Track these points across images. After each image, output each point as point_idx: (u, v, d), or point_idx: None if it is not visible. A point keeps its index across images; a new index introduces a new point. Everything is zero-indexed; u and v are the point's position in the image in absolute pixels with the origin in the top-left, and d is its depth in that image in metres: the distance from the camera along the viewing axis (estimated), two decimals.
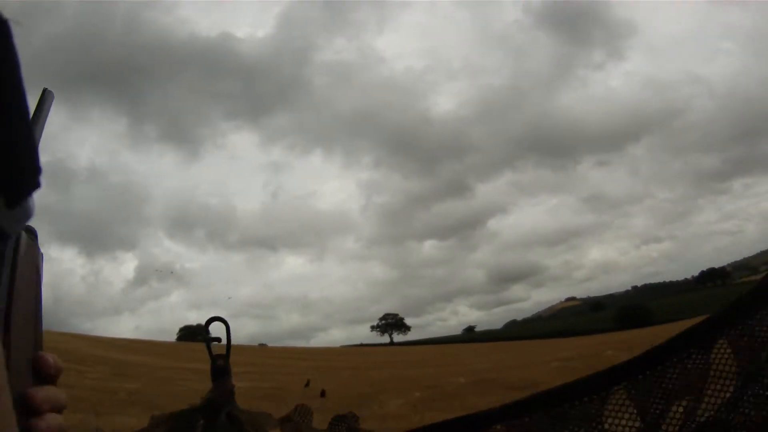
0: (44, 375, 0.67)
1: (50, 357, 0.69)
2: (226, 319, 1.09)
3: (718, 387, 1.13)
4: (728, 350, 1.13)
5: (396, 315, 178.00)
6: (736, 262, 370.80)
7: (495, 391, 16.40)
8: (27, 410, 0.62)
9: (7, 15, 0.51)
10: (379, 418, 13.12)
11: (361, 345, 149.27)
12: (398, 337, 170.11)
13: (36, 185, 0.56)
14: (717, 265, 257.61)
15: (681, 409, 1.14)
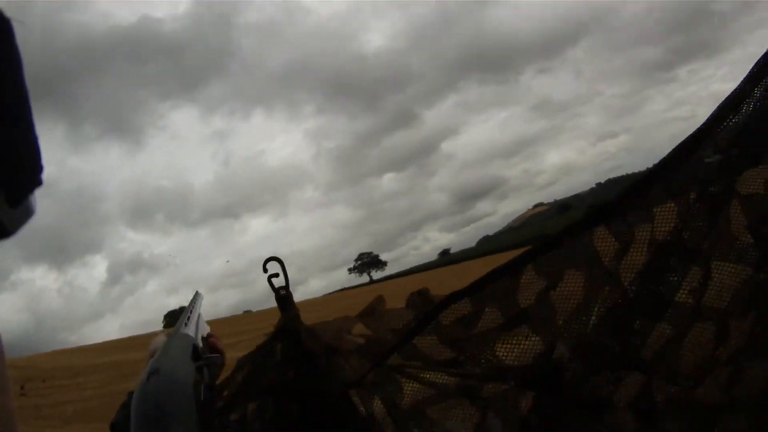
0: None
1: None
2: (279, 257, 1.35)
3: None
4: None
5: (370, 253, 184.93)
6: None
7: None
8: None
9: (8, 14, 0.54)
10: None
11: (342, 289, 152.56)
12: (377, 275, 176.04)
13: (38, 183, 0.58)
14: None
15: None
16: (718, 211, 1.18)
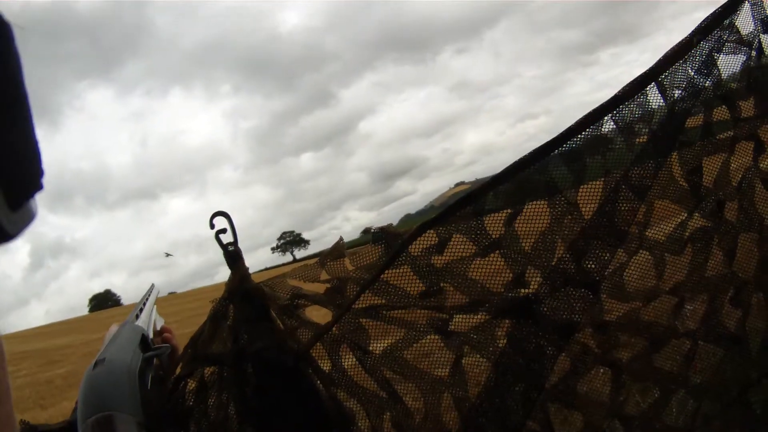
0: None
1: None
2: (226, 212, 1.32)
3: None
4: None
5: (293, 232, 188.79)
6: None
7: None
8: None
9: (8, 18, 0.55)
10: None
11: (266, 269, 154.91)
12: (300, 253, 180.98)
13: (38, 187, 0.59)
14: None
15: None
16: (664, 154, 1.32)
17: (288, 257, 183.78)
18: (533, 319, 1.24)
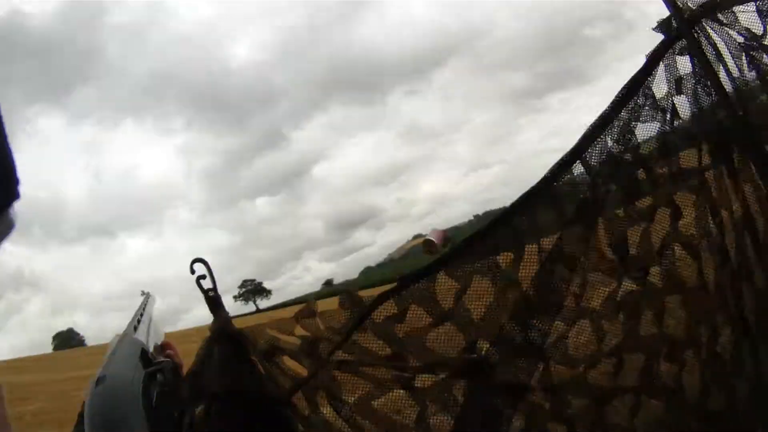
0: None
1: None
2: (205, 259, 1.38)
3: None
4: None
5: (254, 280, 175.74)
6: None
7: None
8: None
9: None
10: None
11: (232, 317, 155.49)
12: (263, 303, 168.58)
13: (15, 196, 0.58)
14: None
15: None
16: (591, 227, 1.50)
17: (251, 306, 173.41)
18: (487, 381, 1.40)
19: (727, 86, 1.73)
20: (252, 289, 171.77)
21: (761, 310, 1.75)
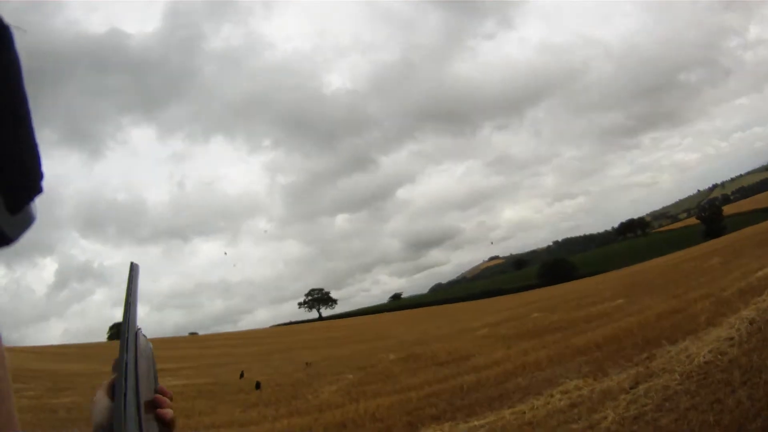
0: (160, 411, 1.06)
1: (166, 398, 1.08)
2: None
3: None
4: None
5: (321, 290, 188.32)
6: (654, 211, 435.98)
7: (425, 368, 18.20)
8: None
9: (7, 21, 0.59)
10: (315, 409, 14.10)
11: (290, 323, 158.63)
12: (326, 312, 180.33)
13: (38, 190, 0.64)
14: (636, 215, 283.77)
15: None
16: None
17: (314, 314, 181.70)
18: None
19: None
20: (318, 298, 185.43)
21: None
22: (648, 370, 10.31)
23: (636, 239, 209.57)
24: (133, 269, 1.26)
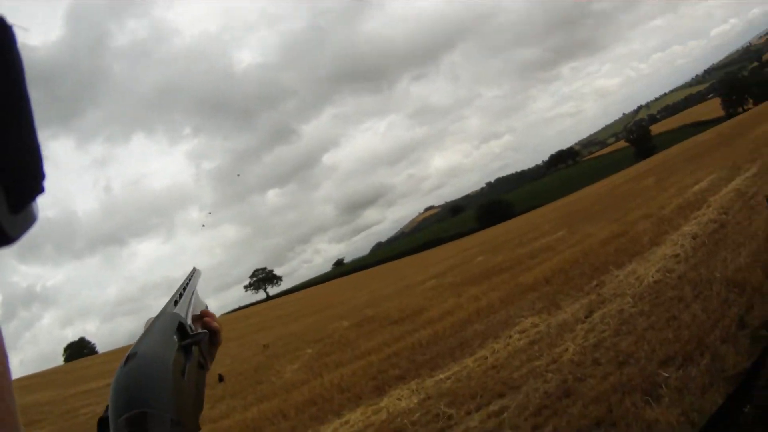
0: None
1: None
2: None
3: None
4: None
5: (264, 269, 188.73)
6: (582, 140, 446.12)
7: (380, 330, 18.35)
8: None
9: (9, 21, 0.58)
10: (282, 390, 14.03)
11: (240, 308, 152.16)
12: (273, 290, 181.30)
13: (40, 190, 0.64)
14: (564, 146, 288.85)
15: None
16: None
17: (261, 295, 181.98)
18: None
19: None
20: (263, 278, 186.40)
21: None
22: (600, 297, 10.66)
23: (567, 169, 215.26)
24: (195, 273, 1.44)
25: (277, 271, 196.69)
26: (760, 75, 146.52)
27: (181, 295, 1.23)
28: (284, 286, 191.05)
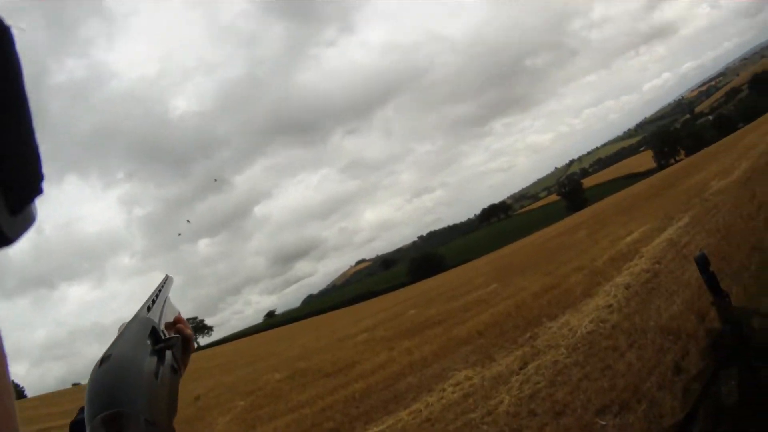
0: None
1: None
2: None
3: None
4: None
5: (195, 318, 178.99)
6: (514, 194, 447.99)
7: (313, 382, 18.31)
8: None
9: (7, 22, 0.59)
10: None
11: None
12: (203, 340, 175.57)
13: (39, 191, 0.65)
14: (497, 200, 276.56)
15: None
16: None
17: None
18: None
19: None
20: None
21: None
22: (534, 348, 10.74)
23: (500, 222, 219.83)
24: (167, 280, 1.52)
25: (208, 322, 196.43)
26: (692, 127, 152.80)
27: (154, 302, 1.26)
28: (215, 336, 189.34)
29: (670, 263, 12.73)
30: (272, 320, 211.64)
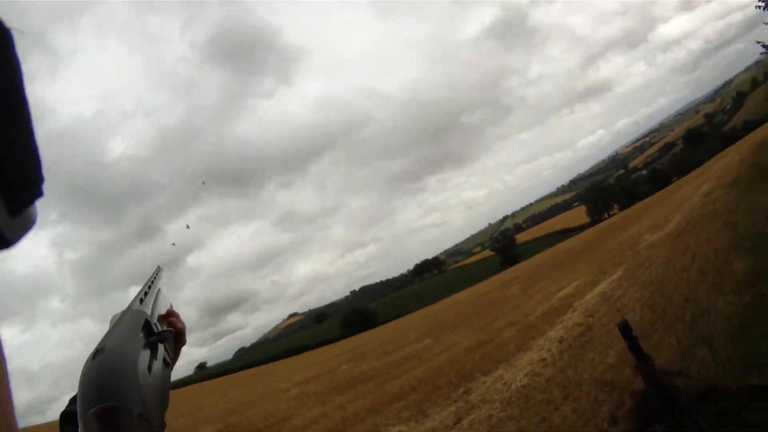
0: None
1: None
2: None
3: None
4: None
5: None
6: (448, 249, 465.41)
7: None
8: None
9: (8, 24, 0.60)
10: None
11: None
12: None
13: (39, 193, 0.66)
14: (430, 256, 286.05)
15: None
16: None
17: None
18: None
19: None
20: None
21: None
22: (468, 403, 10.77)
23: (433, 278, 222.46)
24: (159, 271, 1.52)
25: None
26: (626, 182, 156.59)
27: (146, 294, 1.27)
28: None
29: (603, 317, 12.98)
30: (203, 372, 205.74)
